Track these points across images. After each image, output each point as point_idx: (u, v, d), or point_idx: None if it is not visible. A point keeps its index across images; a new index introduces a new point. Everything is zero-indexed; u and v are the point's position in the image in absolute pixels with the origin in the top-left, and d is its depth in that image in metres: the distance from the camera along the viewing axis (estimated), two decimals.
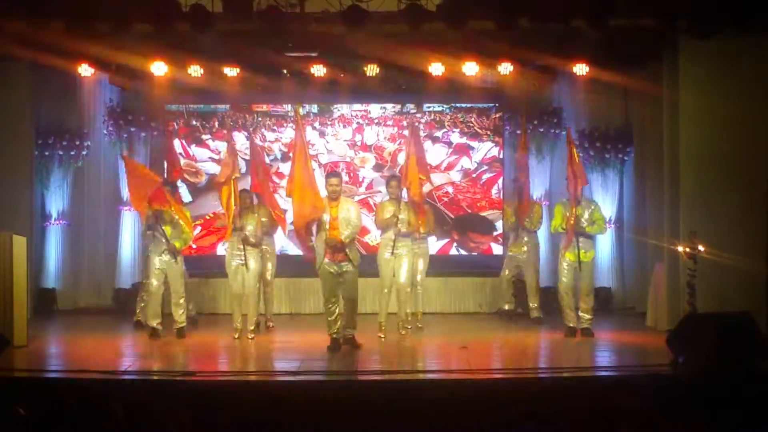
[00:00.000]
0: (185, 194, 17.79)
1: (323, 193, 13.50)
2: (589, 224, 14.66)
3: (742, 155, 14.41)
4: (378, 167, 18.21)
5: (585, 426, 8.02)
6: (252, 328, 14.47)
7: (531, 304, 16.19)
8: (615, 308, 17.27)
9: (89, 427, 7.95)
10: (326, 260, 13.31)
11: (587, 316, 14.69)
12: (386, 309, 14.59)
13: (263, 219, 14.88)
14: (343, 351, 13.30)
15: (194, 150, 18.20)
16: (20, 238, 13.88)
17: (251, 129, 18.08)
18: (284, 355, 13.17)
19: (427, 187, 16.34)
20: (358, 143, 18.27)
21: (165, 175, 16.36)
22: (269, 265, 15.38)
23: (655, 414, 8.77)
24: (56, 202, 17.63)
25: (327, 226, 13.26)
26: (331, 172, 14.08)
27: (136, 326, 15.49)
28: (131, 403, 8.96)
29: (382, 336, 14.24)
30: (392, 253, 14.46)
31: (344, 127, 18.31)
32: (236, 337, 14.45)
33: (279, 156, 18.20)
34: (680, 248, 14.19)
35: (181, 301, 14.71)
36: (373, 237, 17.45)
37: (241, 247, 14.40)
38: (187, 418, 8.25)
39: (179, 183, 17.09)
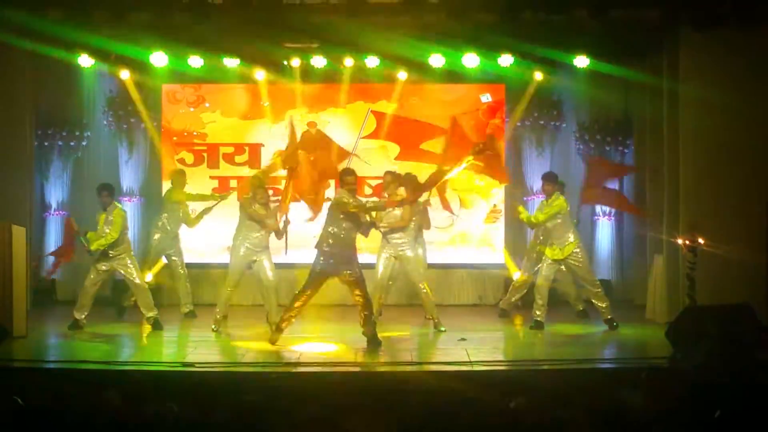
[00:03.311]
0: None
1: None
2: None
3: (742, 147, 14.38)
4: None
5: (584, 419, 8.00)
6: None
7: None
8: (614, 301, 17.25)
9: (88, 417, 7.93)
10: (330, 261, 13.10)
11: (602, 305, 14.75)
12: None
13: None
14: (342, 342, 13.34)
15: None
16: (19, 229, 13.88)
17: None
18: (283, 346, 13.14)
19: None
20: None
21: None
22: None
23: (654, 406, 8.75)
24: (56, 192, 17.69)
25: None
26: (346, 168, 13.74)
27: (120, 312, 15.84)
28: (130, 393, 8.94)
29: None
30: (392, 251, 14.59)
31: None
32: (214, 329, 14.47)
33: None
34: (680, 240, 14.20)
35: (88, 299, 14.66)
36: None
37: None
38: (185, 409, 8.23)
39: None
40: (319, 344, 13.29)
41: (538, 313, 14.67)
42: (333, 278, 13.17)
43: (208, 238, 17.17)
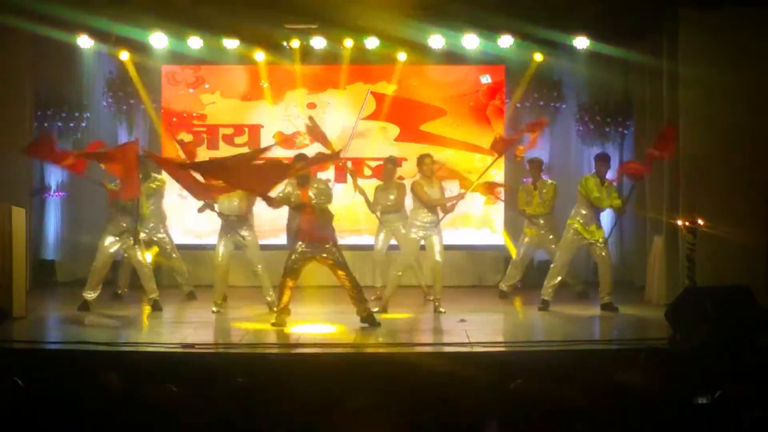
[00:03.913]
0: None
1: None
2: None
3: (742, 128, 14.36)
4: None
5: (583, 399, 8.02)
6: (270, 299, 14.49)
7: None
8: (614, 282, 17.23)
9: (87, 398, 7.95)
10: (300, 243, 13.16)
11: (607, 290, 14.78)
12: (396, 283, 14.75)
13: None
14: (342, 323, 13.32)
15: None
16: (19, 210, 13.88)
17: None
18: (283, 327, 13.13)
19: None
20: None
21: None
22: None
23: (654, 388, 8.77)
24: (55, 174, 17.66)
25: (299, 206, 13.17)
26: (297, 155, 13.89)
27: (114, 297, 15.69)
28: (129, 375, 8.96)
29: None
30: (421, 233, 14.53)
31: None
32: (215, 311, 14.48)
33: None
34: (679, 222, 14.20)
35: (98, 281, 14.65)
36: None
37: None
38: (184, 390, 8.24)
39: None
40: (318, 326, 13.30)
41: (549, 291, 14.70)
42: (313, 262, 13.27)
43: (207, 219, 17.15)
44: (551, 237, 15.53)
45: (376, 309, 14.06)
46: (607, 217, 15.72)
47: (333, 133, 17.67)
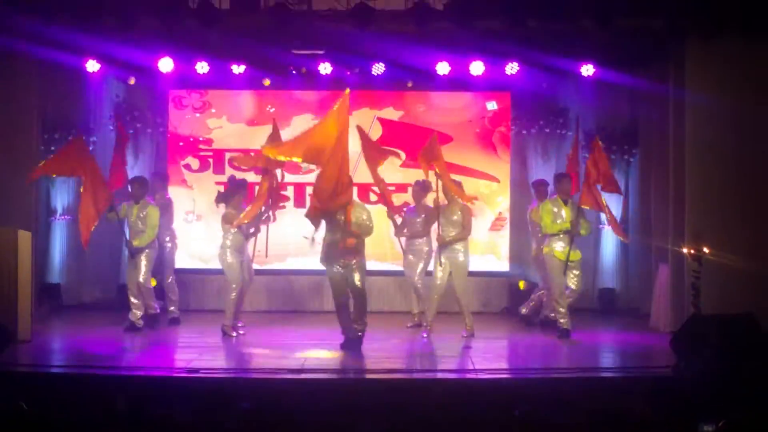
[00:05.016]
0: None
1: None
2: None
3: (748, 156, 14.41)
4: None
5: (588, 427, 8.03)
6: (240, 324, 14.61)
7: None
8: (619, 309, 17.26)
9: (92, 422, 7.97)
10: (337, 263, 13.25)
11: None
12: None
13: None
14: (347, 349, 13.30)
15: None
16: (25, 233, 13.89)
17: None
18: (287, 353, 13.14)
19: None
20: None
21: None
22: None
23: (658, 416, 8.78)
24: (61, 197, 17.65)
25: (340, 230, 13.20)
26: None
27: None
28: (134, 399, 8.98)
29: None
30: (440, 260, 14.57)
31: None
32: (235, 335, 14.47)
33: None
34: (685, 249, 14.20)
35: (133, 299, 14.83)
36: None
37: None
38: (189, 415, 8.27)
39: None
40: (324, 351, 13.30)
41: (563, 321, 14.62)
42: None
43: (211, 244, 17.16)
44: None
45: (424, 335, 14.43)
46: (612, 237, 15.77)
47: None
